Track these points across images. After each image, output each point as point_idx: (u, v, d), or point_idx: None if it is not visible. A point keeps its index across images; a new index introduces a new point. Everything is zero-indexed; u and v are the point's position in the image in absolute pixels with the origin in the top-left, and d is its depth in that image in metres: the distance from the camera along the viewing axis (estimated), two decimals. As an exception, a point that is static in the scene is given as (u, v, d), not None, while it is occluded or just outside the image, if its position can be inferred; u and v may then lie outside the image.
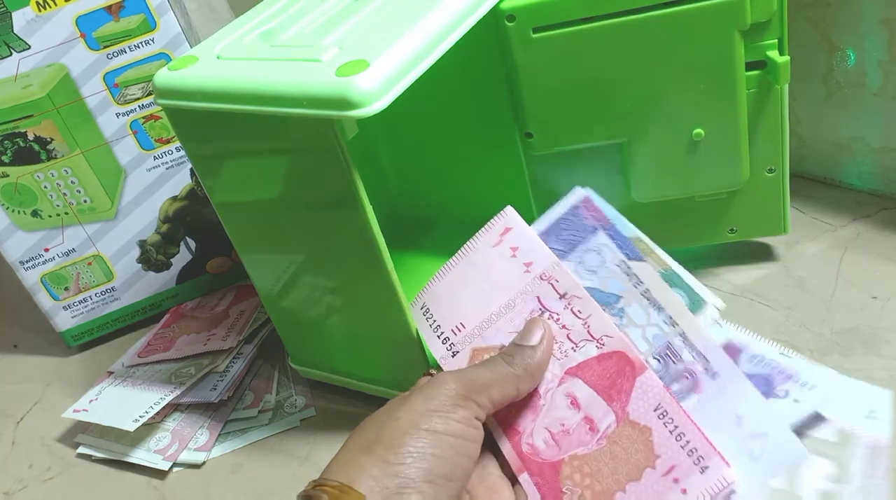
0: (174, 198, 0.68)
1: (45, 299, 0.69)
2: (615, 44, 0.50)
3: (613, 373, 0.40)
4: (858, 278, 0.56)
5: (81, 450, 0.61)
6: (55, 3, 0.58)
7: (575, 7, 0.49)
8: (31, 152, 0.62)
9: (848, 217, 0.62)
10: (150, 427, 0.60)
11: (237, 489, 0.55)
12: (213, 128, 0.47)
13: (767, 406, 0.38)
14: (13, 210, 0.64)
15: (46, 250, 0.66)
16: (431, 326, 0.46)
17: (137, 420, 0.57)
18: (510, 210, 0.46)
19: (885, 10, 0.55)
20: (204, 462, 0.57)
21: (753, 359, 0.40)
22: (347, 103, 0.39)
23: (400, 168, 0.67)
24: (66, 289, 0.69)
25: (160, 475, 0.57)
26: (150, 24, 0.60)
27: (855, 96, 0.60)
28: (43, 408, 0.67)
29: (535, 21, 0.50)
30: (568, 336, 0.42)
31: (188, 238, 0.70)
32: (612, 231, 0.44)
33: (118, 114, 0.63)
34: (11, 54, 0.59)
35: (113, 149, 0.64)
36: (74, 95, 0.61)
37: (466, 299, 0.45)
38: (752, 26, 0.48)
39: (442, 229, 0.68)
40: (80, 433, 0.62)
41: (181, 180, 0.67)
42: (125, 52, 0.61)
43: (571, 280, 0.43)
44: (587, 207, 0.45)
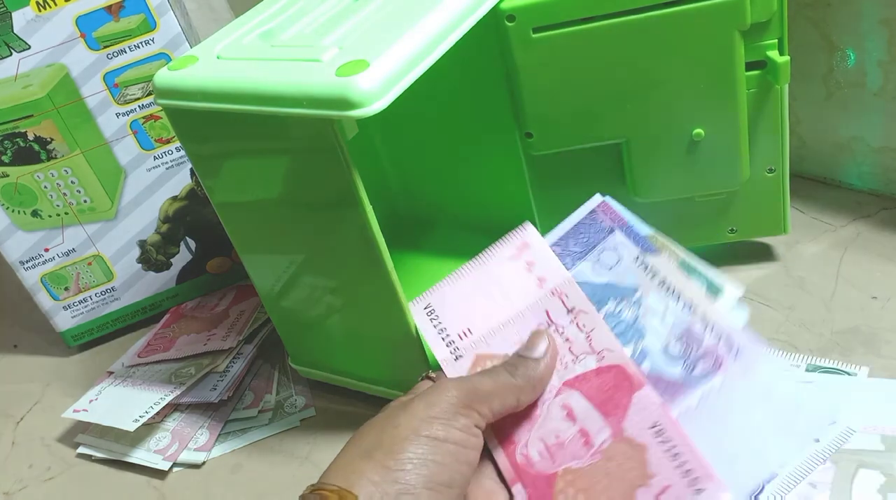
0: (174, 198, 0.68)
1: (45, 299, 0.69)
2: (615, 44, 0.50)
3: (611, 387, 0.40)
4: (858, 278, 0.56)
5: (81, 450, 0.61)
6: (55, 3, 0.58)
7: (575, 7, 0.49)
8: (31, 152, 0.62)
9: (848, 217, 0.62)
10: (150, 427, 0.60)
11: (237, 489, 0.55)
12: (213, 128, 0.47)
13: (796, 374, 0.37)
14: (13, 210, 0.64)
15: (46, 250, 0.66)
16: (436, 327, 0.46)
17: (137, 420, 0.57)
18: (529, 226, 0.46)
19: (885, 10, 0.55)
20: (204, 462, 0.57)
21: None
22: (347, 103, 0.39)
23: (400, 168, 0.67)
24: (66, 289, 0.69)
25: (160, 475, 0.57)
26: (150, 24, 0.60)
27: (855, 96, 0.60)
28: (43, 408, 0.67)
29: (535, 21, 0.50)
30: (570, 349, 0.42)
31: (188, 238, 0.70)
32: (627, 230, 0.45)
33: (118, 114, 0.63)
34: (11, 54, 0.59)
35: (113, 149, 0.64)
36: (74, 95, 0.61)
37: (476, 307, 0.45)
38: (752, 26, 0.48)
39: (442, 229, 0.68)
40: (80, 433, 0.62)
41: (181, 180, 0.67)
42: (125, 52, 0.61)
43: (581, 296, 0.43)
44: (604, 210, 0.46)
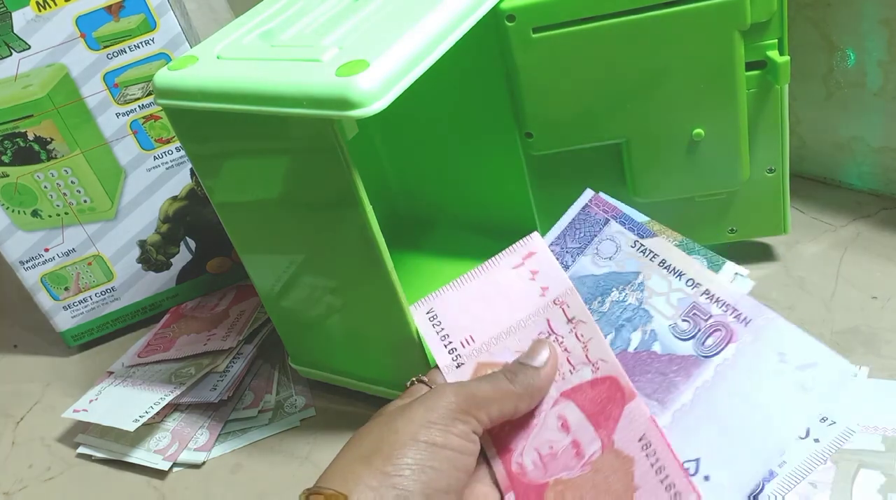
0: (174, 198, 0.68)
1: (45, 299, 0.69)
2: (615, 44, 0.50)
3: (604, 399, 0.40)
4: (858, 278, 0.56)
5: (81, 450, 0.61)
6: (55, 3, 0.58)
7: (575, 7, 0.49)
8: (31, 152, 0.62)
9: (848, 217, 0.62)
10: (150, 427, 0.60)
11: (237, 489, 0.55)
12: (213, 128, 0.47)
13: (807, 337, 0.37)
14: (13, 210, 0.64)
15: (46, 250, 0.66)
16: (438, 333, 0.46)
17: (137, 420, 0.57)
18: (536, 236, 0.46)
19: (885, 10, 0.55)
20: (204, 462, 0.57)
21: None
22: (347, 103, 0.39)
23: (400, 168, 0.67)
24: (66, 289, 0.69)
25: (160, 475, 0.57)
26: (150, 24, 0.60)
27: (855, 96, 0.60)
28: (43, 408, 0.67)
29: (535, 21, 0.50)
30: (568, 359, 0.42)
31: (188, 238, 0.70)
32: (622, 218, 0.45)
33: (118, 114, 0.63)
34: (11, 54, 0.59)
35: (113, 149, 0.64)
36: (74, 95, 0.61)
37: (479, 314, 0.45)
38: (752, 26, 0.48)
39: (442, 229, 0.68)
40: (80, 433, 0.62)
41: (181, 180, 0.67)
42: (125, 52, 0.61)
43: (581, 306, 0.43)
44: (597, 204, 0.46)
